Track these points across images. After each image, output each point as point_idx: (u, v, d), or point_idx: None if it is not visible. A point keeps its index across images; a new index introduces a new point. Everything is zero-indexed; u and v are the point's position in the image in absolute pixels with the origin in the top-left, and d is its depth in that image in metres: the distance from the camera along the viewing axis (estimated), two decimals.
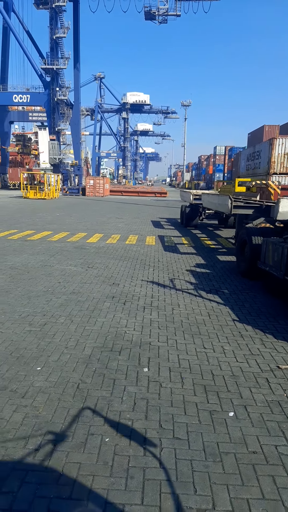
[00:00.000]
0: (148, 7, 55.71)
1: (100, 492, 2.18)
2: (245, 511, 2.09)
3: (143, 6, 55.53)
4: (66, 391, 3.21)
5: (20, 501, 2.10)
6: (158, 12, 55.90)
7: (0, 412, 2.89)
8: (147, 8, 55.76)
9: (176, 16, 55.97)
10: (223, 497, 2.17)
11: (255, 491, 2.22)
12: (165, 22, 57.96)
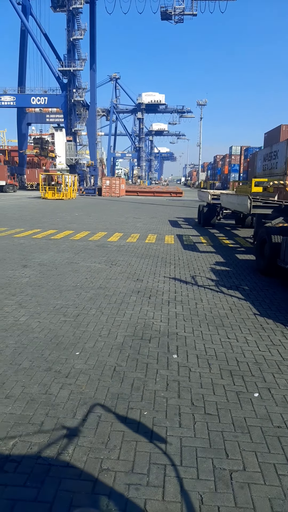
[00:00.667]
0: (165, 8, 55.97)
1: (144, 454, 2.50)
2: (272, 473, 2.38)
3: (159, 6, 55.84)
4: (105, 373, 3.54)
5: (75, 460, 2.43)
6: (174, 12, 56.06)
7: (48, 388, 3.24)
8: (164, 8, 56.02)
9: (193, 15, 56.04)
10: (252, 461, 2.47)
11: (281, 458, 2.51)
12: (181, 22, 58.07)
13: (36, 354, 3.87)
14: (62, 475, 2.30)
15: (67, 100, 50.91)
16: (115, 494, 2.17)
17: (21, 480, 2.26)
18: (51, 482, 2.25)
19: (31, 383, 3.32)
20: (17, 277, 6.91)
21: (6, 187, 45.22)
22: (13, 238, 11.22)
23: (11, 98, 52.39)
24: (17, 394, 3.14)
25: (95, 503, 2.09)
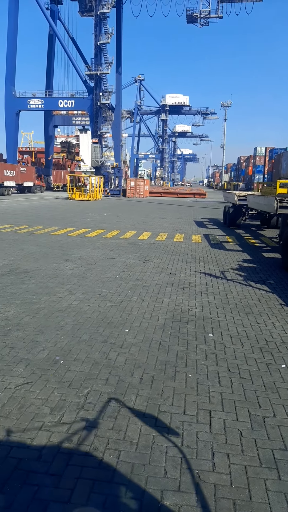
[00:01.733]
0: (190, 11, 56.38)
1: (192, 403, 3.11)
2: None
3: (185, 9, 56.32)
4: (152, 346, 4.17)
5: (138, 405, 3.07)
6: (200, 15, 56.36)
7: (107, 355, 3.90)
8: (189, 11, 56.45)
9: (218, 18, 56.12)
10: (281, 411, 3.03)
11: None
12: (206, 25, 58.27)
13: (92, 330, 4.54)
14: (131, 414, 2.93)
15: (93, 103, 51.97)
16: (184, 423, 2.79)
17: (99, 414, 2.91)
18: (123, 417, 2.89)
19: (92, 351, 3.98)
20: (62, 269, 7.65)
21: (34, 188, 46.63)
22: (50, 236, 12.03)
23: (39, 101, 53.85)
24: (83, 358, 3.81)
25: (161, 425, 2.72)
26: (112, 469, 2.36)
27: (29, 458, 2.44)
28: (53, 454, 2.47)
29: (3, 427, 2.73)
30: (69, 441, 2.60)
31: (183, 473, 2.35)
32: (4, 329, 4.50)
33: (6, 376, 3.42)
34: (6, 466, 2.36)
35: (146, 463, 2.41)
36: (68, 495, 2.16)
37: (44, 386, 3.28)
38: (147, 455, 2.49)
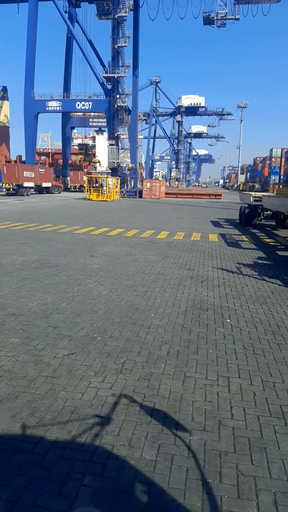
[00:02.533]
0: (207, 13, 56.67)
1: (213, 371, 3.66)
2: None
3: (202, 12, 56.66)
4: (176, 328, 4.74)
5: (167, 371, 3.63)
6: (216, 17, 56.57)
7: (137, 334, 4.48)
8: (206, 13, 56.75)
9: (235, 19, 56.26)
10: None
11: None
12: (223, 26, 58.46)
13: (122, 314, 5.14)
14: (161, 377, 3.50)
15: (110, 105, 52.73)
16: (207, 385, 3.34)
17: (136, 377, 3.49)
18: (155, 379, 3.46)
19: (124, 330, 4.57)
20: (88, 264, 8.28)
21: (52, 188, 47.61)
22: (74, 234, 12.71)
23: (57, 103, 54.84)
24: (117, 336, 4.40)
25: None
26: (150, 414, 2.94)
27: (82, 406, 3.04)
28: (102, 403, 3.07)
29: (58, 385, 3.33)
30: (113, 395, 3.19)
31: (207, 419, 2.91)
32: (45, 312, 5.13)
33: (53, 348, 4.03)
34: (66, 412, 2.95)
35: (176, 411, 2.98)
36: (118, 431, 2.74)
37: (86, 356, 3.88)
38: (177, 405, 3.06)
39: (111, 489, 2.19)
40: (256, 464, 2.44)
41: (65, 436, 2.66)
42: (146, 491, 2.20)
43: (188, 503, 2.13)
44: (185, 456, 2.49)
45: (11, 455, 2.46)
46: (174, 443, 2.62)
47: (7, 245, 10.22)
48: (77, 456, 2.47)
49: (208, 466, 2.41)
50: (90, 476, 2.30)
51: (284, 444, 2.65)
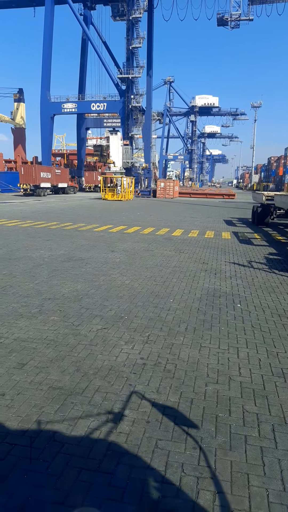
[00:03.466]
0: (221, 14, 56.88)
1: (224, 343, 4.30)
2: None
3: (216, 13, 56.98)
4: (192, 310, 5.38)
5: (185, 343, 4.28)
6: (230, 18, 56.71)
7: (159, 314, 5.15)
8: (220, 14, 56.98)
9: (249, 20, 56.30)
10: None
11: None
12: (237, 27, 58.58)
13: (144, 299, 5.81)
14: (181, 347, 4.16)
15: (125, 106, 53.34)
16: (219, 353, 3.98)
17: (159, 346, 4.15)
18: (176, 348, 4.12)
19: (147, 312, 5.24)
20: (110, 258, 8.98)
21: (68, 189, 48.53)
22: (94, 232, 13.44)
23: (73, 105, 55.71)
24: (141, 316, 5.08)
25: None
26: (173, 372, 3.60)
27: (117, 365, 3.71)
28: (133, 364, 3.74)
29: (95, 351, 4.01)
30: (141, 358, 3.86)
31: (219, 375, 3.55)
32: (77, 297, 5.83)
33: (88, 324, 4.73)
34: (104, 369, 3.63)
35: (194, 370, 3.64)
36: (147, 382, 3.41)
37: (117, 330, 4.56)
38: (194, 366, 3.71)
39: (144, 418, 2.85)
40: (259, 406, 3.08)
41: (106, 385, 3.34)
42: (172, 420, 2.86)
43: (204, 428, 2.78)
44: (202, 400, 3.15)
45: (66, 397, 3.15)
46: (193, 391, 3.28)
47: (34, 241, 11.01)
48: (118, 398, 3.15)
49: (220, 406, 3.06)
50: (128, 410, 2.97)
51: (282, 394, 3.28)
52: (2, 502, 2.08)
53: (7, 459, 2.42)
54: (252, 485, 2.26)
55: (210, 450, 2.54)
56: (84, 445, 2.57)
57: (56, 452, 2.49)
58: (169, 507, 2.07)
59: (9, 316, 4.95)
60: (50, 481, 2.24)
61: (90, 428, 2.76)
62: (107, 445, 2.58)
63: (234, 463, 2.44)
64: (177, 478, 2.29)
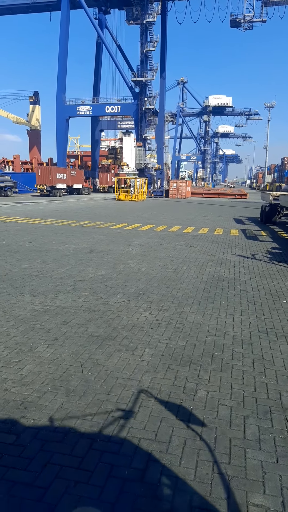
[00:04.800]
0: (234, 16, 57.47)
1: (223, 311, 5.36)
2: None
3: (229, 15, 57.62)
4: (199, 290, 6.46)
5: (192, 311, 5.37)
6: (243, 20, 57.22)
7: (171, 292, 6.24)
8: (233, 16, 57.58)
9: (262, 22, 56.70)
10: (276, 317, 5.21)
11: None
12: (250, 29, 59.07)
13: (158, 281, 6.91)
14: (189, 313, 5.24)
15: (138, 108, 54.35)
16: (218, 318, 5.05)
17: (171, 313, 5.25)
18: (184, 314, 5.20)
19: (161, 291, 6.34)
20: (127, 251, 10.10)
21: (82, 189, 49.78)
22: (111, 229, 14.60)
23: (87, 108, 56.95)
24: (156, 293, 6.18)
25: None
26: (181, 328, 4.69)
27: (138, 323, 4.82)
28: (150, 323, 4.85)
29: (121, 315, 5.13)
30: (157, 320, 4.97)
31: (217, 331, 4.62)
32: (103, 279, 6.97)
33: (114, 298, 5.86)
34: (129, 326, 4.74)
35: (198, 328, 4.72)
36: (162, 333, 4.50)
37: (136, 302, 5.68)
38: (198, 325, 4.80)
39: (160, 353, 3.95)
40: (245, 349, 4.15)
41: (130, 335, 4.45)
42: (180, 355, 3.95)
43: (204, 360, 3.87)
44: (202, 344, 4.24)
45: (102, 341, 4.27)
46: (196, 340, 4.37)
47: (58, 237, 12.22)
48: (140, 342, 4.26)
49: (216, 348, 4.14)
50: (148, 349, 4.07)
51: (264, 343, 4.34)
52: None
53: (67, 372, 3.54)
54: (234, 388, 3.34)
55: (207, 371, 3.63)
56: (118, 366, 3.67)
57: (98, 370, 3.61)
58: (174, 400, 3.16)
59: (50, 292, 6.12)
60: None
61: (121, 358, 3.87)
62: (134, 367, 3.68)
63: (223, 378, 3.52)
64: (183, 383, 3.39)
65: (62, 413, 2.92)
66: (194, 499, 2.09)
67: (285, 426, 2.83)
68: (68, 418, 2.84)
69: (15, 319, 4.86)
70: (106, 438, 2.62)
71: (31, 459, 2.42)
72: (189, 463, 2.41)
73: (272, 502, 2.11)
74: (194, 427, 2.77)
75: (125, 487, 2.17)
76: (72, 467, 2.35)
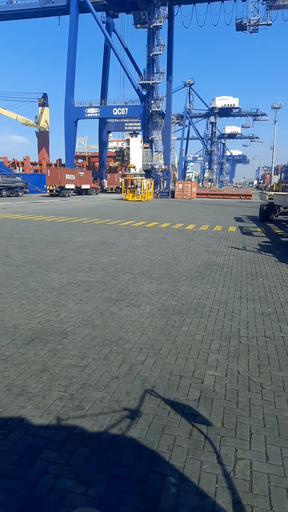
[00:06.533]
0: (240, 19, 58.57)
1: (210, 283, 6.81)
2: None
3: (235, 18, 58.72)
4: (192, 271, 7.90)
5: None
6: (249, 23, 58.27)
7: (169, 272, 7.69)
8: (239, 20, 58.69)
9: (267, 25, 57.66)
10: (251, 290, 6.63)
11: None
12: (256, 32, 60.05)
13: (159, 265, 8.37)
14: (181, 286, 6.69)
15: (145, 111, 55.54)
16: (206, 286, 6.50)
17: (167, 286, 6.70)
18: (178, 286, 6.65)
19: (161, 271, 7.80)
20: (134, 243, 11.57)
21: (90, 190, 51.26)
22: (119, 226, 16.09)
23: (95, 110, 58.28)
24: (157, 273, 7.64)
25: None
26: (174, 294, 6.14)
27: (142, 292, 6.28)
28: (151, 291, 6.30)
29: (129, 286, 6.59)
30: (156, 289, 6.42)
31: (201, 297, 6.07)
32: (113, 264, 8.46)
33: (123, 275, 7.33)
34: (135, 293, 6.20)
35: (188, 295, 6.17)
36: (160, 297, 5.96)
37: (141, 278, 7.15)
38: (188, 293, 6.25)
39: (157, 308, 5.41)
40: (221, 307, 5.59)
41: (136, 298, 5.91)
42: (172, 309, 5.40)
43: (189, 312, 5.31)
44: (189, 304, 5.69)
45: (114, 301, 5.74)
46: (185, 301, 5.82)
47: (72, 231, 13.74)
48: (143, 301, 5.71)
49: (199, 307, 5.59)
50: (149, 306, 5.53)
51: (236, 304, 5.77)
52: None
53: (91, 317, 5.00)
54: (207, 326, 4.79)
55: (190, 317, 5.09)
56: (127, 314, 5.14)
57: (113, 316, 5.07)
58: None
59: (71, 272, 7.62)
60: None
61: (129, 310, 5.35)
62: (139, 314, 5.14)
63: (200, 321, 4.98)
64: (172, 323, 4.84)
65: (90, 336, 4.40)
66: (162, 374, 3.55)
67: (237, 345, 4.27)
68: (94, 338, 4.32)
69: (48, 288, 6.37)
70: (120, 345, 4.09)
71: (72, 353, 3.91)
72: (173, 357, 3.87)
73: (219, 372, 3.56)
74: (177, 343, 4.23)
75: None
76: (99, 359, 3.83)
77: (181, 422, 2.84)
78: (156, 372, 3.59)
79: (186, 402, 3.10)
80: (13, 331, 4.50)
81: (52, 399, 3.12)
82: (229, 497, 2.14)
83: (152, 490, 2.14)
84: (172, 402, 3.10)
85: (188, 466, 2.40)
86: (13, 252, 9.63)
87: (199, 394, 3.23)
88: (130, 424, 2.80)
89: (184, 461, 2.44)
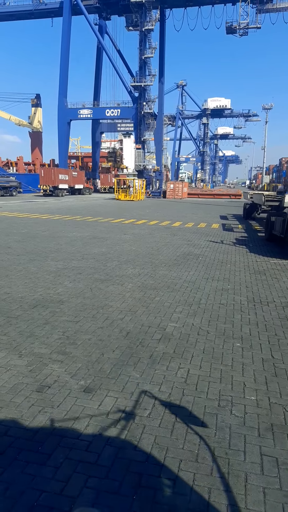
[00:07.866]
0: (230, 23, 59.87)
1: (189, 269, 8.01)
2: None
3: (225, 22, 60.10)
4: (171, 260, 9.10)
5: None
6: (239, 27, 59.58)
7: (151, 261, 8.88)
8: (229, 23, 60.00)
9: (257, 28, 59.01)
10: (228, 274, 7.85)
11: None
12: (246, 35, 61.37)
13: (143, 255, 9.56)
14: (159, 271, 7.88)
15: (137, 112, 56.63)
16: (190, 273, 7.70)
17: (148, 270, 7.89)
18: (157, 271, 7.84)
19: (144, 259, 8.99)
20: (123, 237, 12.76)
21: (84, 190, 52.13)
22: (110, 223, 17.25)
23: (88, 111, 59.17)
24: (140, 261, 8.82)
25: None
26: (153, 276, 7.33)
27: (127, 274, 7.46)
28: (134, 274, 7.48)
29: (115, 271, 7.76)
30: (138, 273, 7.61)
31: (176, 278, 7.26)
32: (103, 254, 9.63)
33: (111, 263, 8.50)
34: (120, 274, 7.38)
35: (164, 277, 7.36)
36: (139, 278, 7.14)
37: (126, 265, 8.33)
38: (165, 275, 7.45)
39: (138, 285, 6.59)
40: (190, 286, 6.79)
41: (121, 279, 7.09)
42: (151, 286, 6.59)
43: (166, 288, 6.51)
44: (166, 282, 6.88)
45: (104, 281, 6.91)
46: (162, 280, 7.01)
47: (66, 227, 14.89)
48: (127, 280, 6.89)
49: (173, 285, 6.78)
50: (131, 284, 6.72)
51: (202, 283, 6.97)
52: None
53: (83, 291, 6.17)
54: (176, 297, 5.99)
55: (163, 291, 6.28)
56: (112, 289, 6.31)
57: (101, 291, 6.25)
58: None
59: (66, 260, 8.78)
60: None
61: (114, 287, 6.52)
62: (122, 289, 6.32)
63: (171, 294, 6.17)
64: (148, 295, 6.03)
65: (82, 304, 5.58)
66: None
67: (197, 309, 5.47)
68: (85, 305, 5.51)
69: (47, 271, 7.54)
70: (105, 309, 5.27)
71: (67, 313, 5.07)
72: (146, 315, 5.05)
73: (179, 324, 4.75)
74: (150, 308, 5.43)
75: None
76: (88, 317, 5.00)
77: (145, 351, 4.03)
78: (131, 324, 4.78)
79: (150, 341, 4.29)
80: (20, 300, 5.67)
81: (53, 339, 4.30)
82: (170, 387, 3.33)
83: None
84: (140, 341, 4.29)
85: (147, 371, 3.60)
86: (13, 244, 10.77)
87: (161, 336, 4.43)
88: (109, 351, 3.99)
89: (144, 368, 3.64)
